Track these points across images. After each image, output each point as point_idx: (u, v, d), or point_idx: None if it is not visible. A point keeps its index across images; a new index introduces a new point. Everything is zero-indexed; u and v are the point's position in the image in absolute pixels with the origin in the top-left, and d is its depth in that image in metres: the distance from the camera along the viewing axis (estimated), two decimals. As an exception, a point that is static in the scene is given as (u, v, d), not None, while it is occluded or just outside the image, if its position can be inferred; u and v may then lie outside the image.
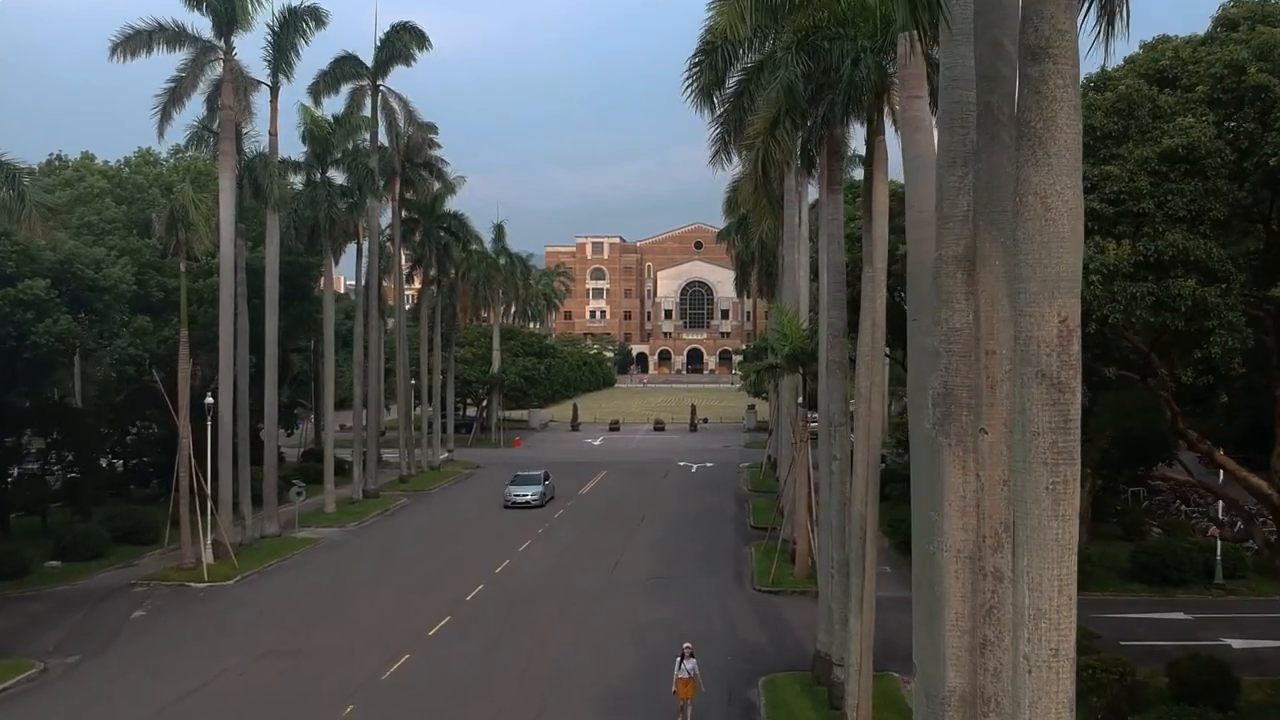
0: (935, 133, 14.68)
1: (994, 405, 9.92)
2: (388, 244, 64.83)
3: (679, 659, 22.54)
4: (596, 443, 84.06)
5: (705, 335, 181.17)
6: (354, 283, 55.58)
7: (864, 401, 19.37)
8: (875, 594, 19.58)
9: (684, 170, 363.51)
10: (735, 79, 23.52)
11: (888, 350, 32.23)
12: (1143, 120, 17.19)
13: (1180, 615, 30.90)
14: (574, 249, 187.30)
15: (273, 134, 43.40)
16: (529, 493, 49.60)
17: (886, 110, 20.38)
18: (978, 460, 10.64)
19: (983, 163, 9.93)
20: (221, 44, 39.40)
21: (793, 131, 18.91)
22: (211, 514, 37.52)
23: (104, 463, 51.06)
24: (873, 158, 19.01)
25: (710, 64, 21.37)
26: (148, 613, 31.84)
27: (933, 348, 11.16)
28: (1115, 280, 16.30)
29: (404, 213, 61.83)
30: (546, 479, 51.59)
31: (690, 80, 21.76)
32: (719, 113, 24.05)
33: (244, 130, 43.37)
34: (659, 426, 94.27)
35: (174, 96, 39.29)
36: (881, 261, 18.46)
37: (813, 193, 46.62)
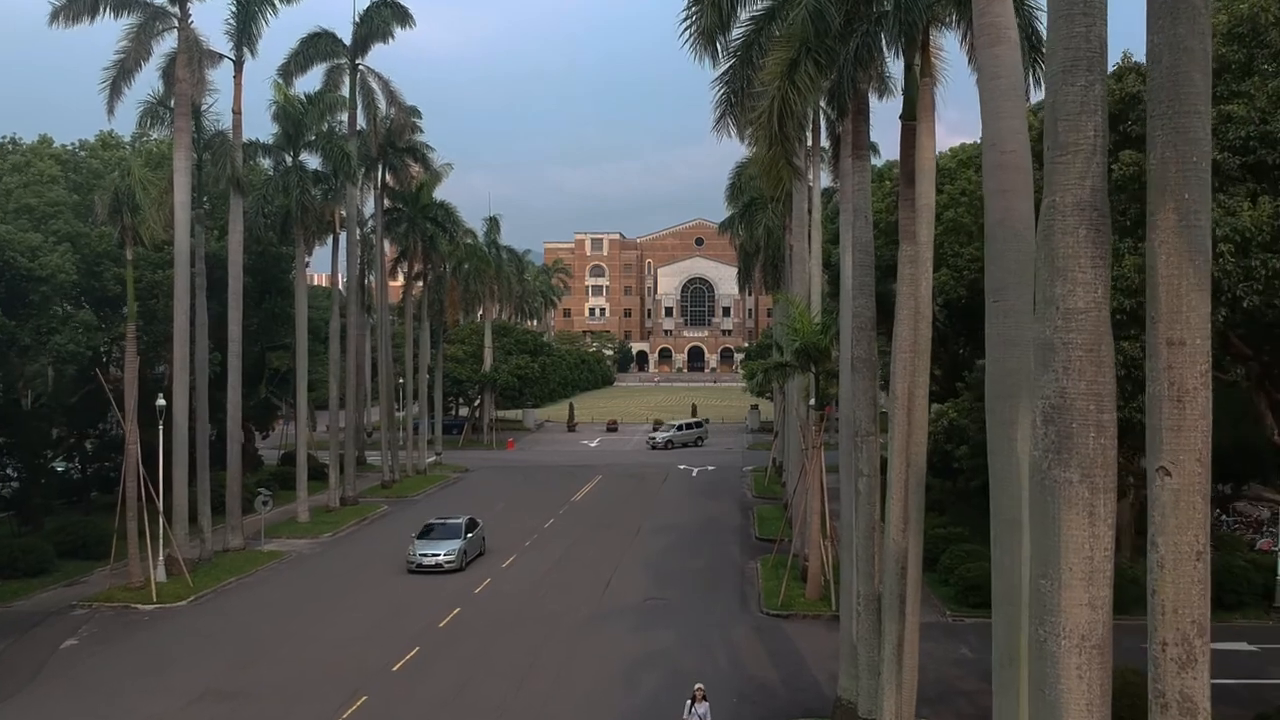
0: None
1: (1182, 429, 6.40)
2: (372, 235, 61.40)
3: (689, 702, 19.73)
4: (593, 444, 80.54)
5: (706, 333, 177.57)
6: (335, 276, 51.89)
7: (901, 408, 15.84)
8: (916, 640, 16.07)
9: (685, 170, 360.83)
10: (742, 29, 20.13)
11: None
12: (1275, 45, 13.54)
13: (1244, 645, 27.31)
14: (573, 245, 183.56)
15: (236, 112, 39.86)
16: (441, 552, 36.33)
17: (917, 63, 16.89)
18: (1109, 505, 7.14)
19: (1159, 36, 6.39)
20: (175, 10, 35.92)
21: (816, 75, 15.36)
22: (164, 527, 34.05)
23: (61, 468, 47.67)
24: (915, 106, 15.47)
25: (714, 1, 17.88)
26: (81, 641, 28.31)
27: (1040, 338, 7.64)
28: (1251, 250, 12.66)
29: (387, 201, 58.30)
30: (470, 530, 38.31)
31: (690, 22, 18.28)
32: (723, 70, 20.66)
33: (206, 108, 39.99)
34: (658, 427, 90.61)
35: (123, 69, 35.75)
36: (927, 235, 14.96)
37: (822, 180, 43.29)
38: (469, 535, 37.90)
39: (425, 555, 36.30)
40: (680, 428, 77.77)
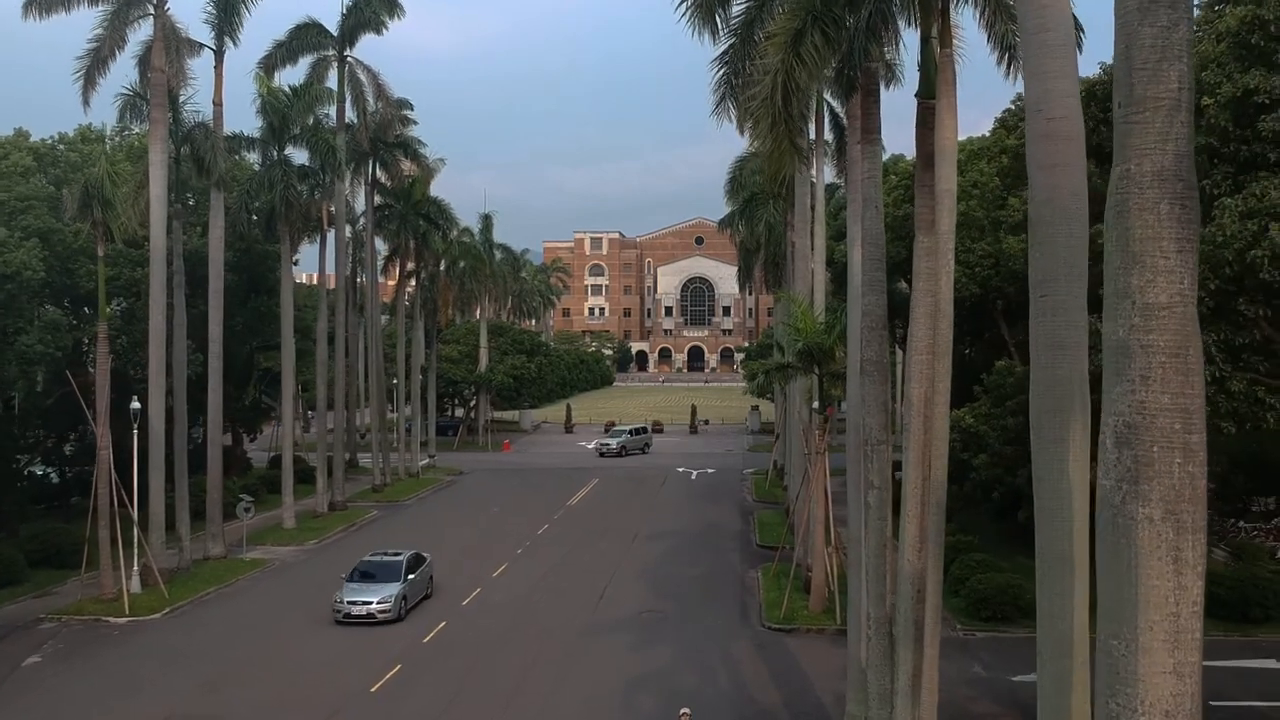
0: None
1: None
2: (363, 233, 59.96)
3: None
4: (591, 446, 78.99)
5: (706, 333, 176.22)
6: (322, 273, 50.26)
7: (918, 416, 14.39)
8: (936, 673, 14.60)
9: (685, 169, 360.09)
10: (743, 4, 18.79)
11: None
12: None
13: (1272, 664, 25.80)
14: (572, 244, 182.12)
15: (217, 104, 38.29)
16: (374, 599, 29.61)
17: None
18: (1199, 549, 5.69)
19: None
20: (151, -3, 34.41)
21: (823, 48, 13.91)
22: (138, 535, 32.58)
23: (40, 472, 46.20)
24: (933, 82, 14.00)
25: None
26: (44, 659, 26.82)
27: (1112, 340, 6.19)
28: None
29: (378, 198, 56.84)
30: (412, 570, 31.47)
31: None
32: (723, 49, 19.32)
33: (185, 101, 38.44)
34: (657, 429, 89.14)
35: (97, 58, 34.27)
36: (948, 224, 13.51)
37: (826, 175, 41.80)
38: (411, 576, 31.12)
39: (354, 603, 29.58)
40: (631, 433, 76.73)
